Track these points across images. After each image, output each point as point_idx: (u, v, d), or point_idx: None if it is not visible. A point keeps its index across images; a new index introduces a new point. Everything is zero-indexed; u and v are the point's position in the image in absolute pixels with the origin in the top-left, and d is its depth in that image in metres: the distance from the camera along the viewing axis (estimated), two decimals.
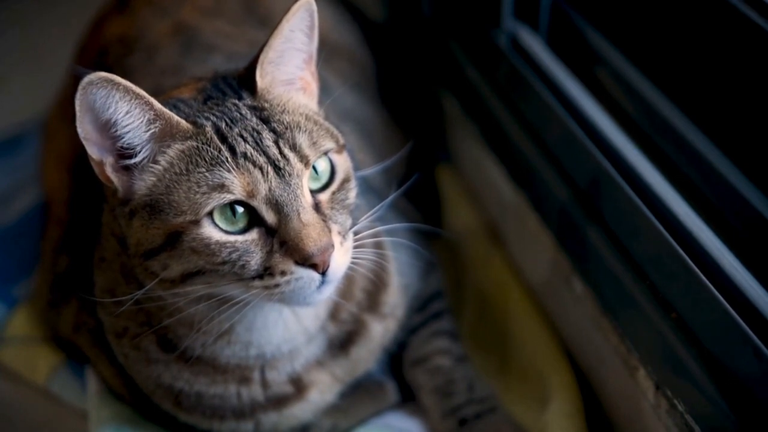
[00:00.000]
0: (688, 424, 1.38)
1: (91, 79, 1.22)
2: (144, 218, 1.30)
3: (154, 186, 1.29)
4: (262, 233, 1.29)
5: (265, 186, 1.27)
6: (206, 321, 1.38)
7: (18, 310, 1.90)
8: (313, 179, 1.33)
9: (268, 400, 1.53)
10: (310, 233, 1.27)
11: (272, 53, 1.35)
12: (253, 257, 1.28)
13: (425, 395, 1.68)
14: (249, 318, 1.42)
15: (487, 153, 1.99)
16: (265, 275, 1.29)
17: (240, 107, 1.33)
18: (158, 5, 1.91)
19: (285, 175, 1.28)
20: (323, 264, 1.28)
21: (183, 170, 1.28)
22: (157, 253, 1.30)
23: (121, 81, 1.23)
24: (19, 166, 2.25)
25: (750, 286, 1.35)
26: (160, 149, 1.29)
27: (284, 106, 1.35)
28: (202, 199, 1.26)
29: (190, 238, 1.27)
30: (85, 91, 1.22)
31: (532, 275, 1.86)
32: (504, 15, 1.94)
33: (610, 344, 1.58)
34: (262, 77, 1.35)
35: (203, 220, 1.27)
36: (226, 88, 1.36)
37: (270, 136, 1.30)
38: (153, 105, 1.27)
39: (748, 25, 1.40)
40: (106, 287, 1.49)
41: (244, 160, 1.27)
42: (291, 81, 1.39)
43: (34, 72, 2.62)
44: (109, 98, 1.24)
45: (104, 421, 1.61)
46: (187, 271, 1.30)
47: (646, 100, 1.63)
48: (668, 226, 1.47)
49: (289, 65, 1.38)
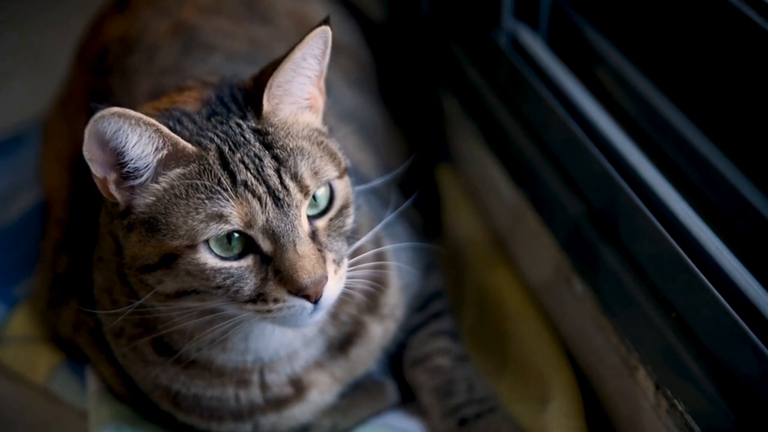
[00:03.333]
0: (688, 424, 1.38)
1: (103, 114, 1.21)
2: (141, 234, 1.30)
3: (154, 205, 1.29)
4: (257, 260, 1.29)
5: (262, 217, 1.27)
6: (201, 332, 1.38)
7: (18, 310, 1.90)
8: (311, 206, 1.33)
9: (267, 402, 1.53)
10: (305, 265, 1.27)
11: (282, 78, 1.33)
12: (246, 283, 1.29)
13: (425, 395, 1.68)
14: (245, 329, 1.42)
15: (487, 153, 1.99)
16: (258, 300, 1.30)
17: (244, 130, 1.31)
18: (158, 5, 1.91)
19: (284, 206, 1.28)
20: (316, 295, 1.29)
21: (182, 194, 1.28)
22: (153, 269, 1.30)
23: (132, 114, 1.23)
24: (19, 166, 2.24)
25: (750, 286, 1.35)
26: (162, 172, 1.29)
27: (289, 130, 1.34)
28: (200, 227, 1.26)
29: (186, 261, 1.27)
30: (96, 123, 1.22)
31: (533, 275, 1.86)
32: (504, 15, 1.94)
33: (610, 344, 1.57)
34: (269, 100, 1.33)
35: (199, 246, 1.27)
36: (231, 103, 1.35)
37: (272, 164, 1.29)
38: (161, 132, 1.26)
39: (748, 25, 1.40)
40: (104, 287, 1.49)
41: (243, 189, 1.26)
42: (298, 101, 1.37)
43: (34, 72, 2.62)
44: (120, 131, 1.24)
45: (104, 421, 1.61)
46: (182, 289, 1.30)
47: (646, 99, 1.63)
48: (668, 226, 1.47)
49: (298, 88, 1.36)
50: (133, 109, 1.24)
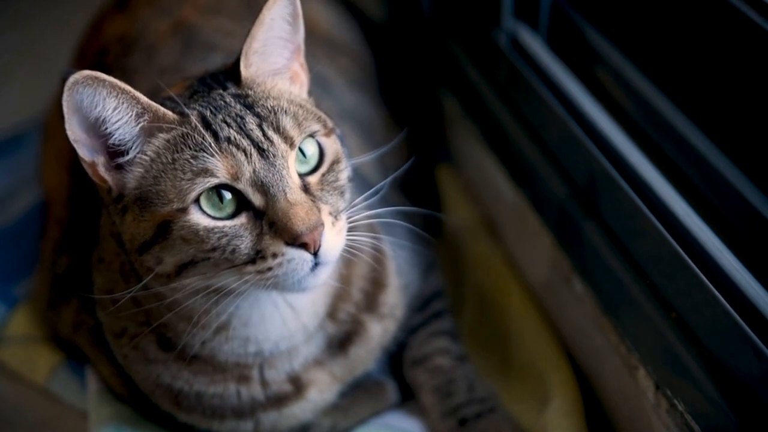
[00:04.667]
0: (688, 424, 1.38)
1: (76, 78, 1.22)
2: (135, 212, 1.31)
3: (143, 178, 1.30)
4: (250, 217, 1.29)
5: (249, 168, 1.27)
6: (204, 314, 1.38)
7: (18, 310, 1.90)
8: (302, 162, 1.33)
9: (267, 399, 1.53)
10: (298, 212, 1.27)
11: (255, 43, 1.35)
12: (242, 241, 1.28)
13: (425, 395, 1.68)
14: (246, 312, 1.42)
15: (487, 153, 1.99)
16: (257, 259, 1.28)
17: (224, 96, 1.34)
18: (158, 4, 1.91)
19: (269, 156, 1.28)
20: (314, 243, 1.27)
21: (169, 159, 1.29)
22: (150, 246, 1.30)
23: (106, 78, 1.24)
24: (19, 166, 2.25)
25: (750, 286, 1.35)
26: (147, 141, 1.30)
27: (269, 93, 1.36)
28: (187, 186, 1.26)
29: (179, 226, 1.28)
30: (71, 91, 1.23)
31: (532, 275, 1.86)
32: (504, 15, 1.94)
33: (610, 344, 1.58)
34: (247, 67, 1.36)
35: (190, 207, 1.27)
36: (213, 82, 1.38)
37: (253, 120, 1.30)
38: (140, 99, 1.28)
39: (748, 25, 1.40)
40: (105, 288, 1.49)
41: (227, 144, 1.27)
42: (278, 71, 1.39)
43: (34, 72, 2.62)
44: (96, 96, 1.25)
45: (104, 421, 1.61)
46: (180, 262, 1.30)
47: (646, 99, 1.63)
48: (668, 225, 1.47)
49: (274, 55, 1.38)
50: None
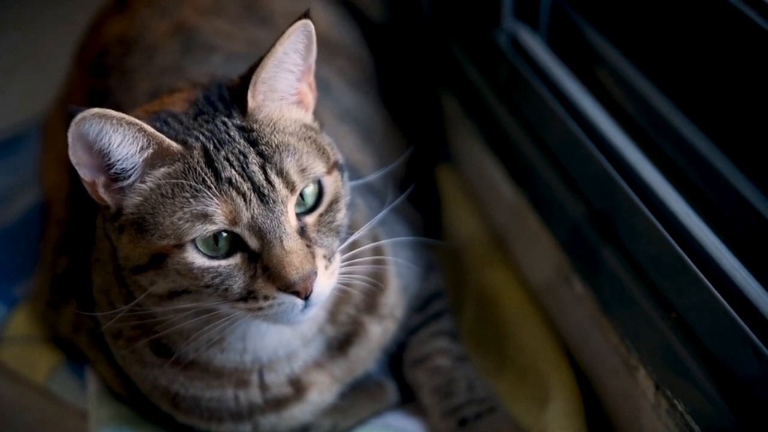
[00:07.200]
0: (688, 424, 1.38)
1: (84, 115, 1.21)
2: (132, 235, 1.30)
3: (141, 205, 1.29)
4: (245, 258, 1.29)
5: (247, 213, 1.26)
6: (198, 332, 1.38)
7: (18, 310, 1.90)
8: (299, 204, 1.32)
9: (266, 402, 1.53)
10: (293, 261, 1.27)
11: (265, 74, 1.32)
12: (236, 281, 1.29)
13: (425, 395, 1.68)
14: (242, 328, 1.42)
15: (487, 153, 1.99)
16: (248, 298, 1.29)
17: (229, 127, 1.31)
18: (158, 5, 1.91)
19: (269, 201, 1.27)
20: (305, 291, 1.28)
21: (168, 193, 1.28)
22: (144, 270, 1.30)
23: (113, 114, 1.23)
24: (19, 166, 2.25)
25: (750, 286, 1.35)
26: (149, 172, 1.29)
27: (275, 126, 1.34)
28: (185, 227, 1.26)
29: (174, 261, 1.28)
30: (78, 126, 1.22)
31: (532, 275, 1.86)
32: (504, 15, 1.93)
33: (610, 344, 1.57)
34: (254, 97, 1.33)
35: (186, 245, 1.27)
36: (218, 102, 1.35)
37: (256, 160, 1.28)
38: (145, 130, 1.26)
39: (748, 25, 1.40)
40: (102, 288, 1.49)
41: (228, 187, 1.26)
42: (285, 96, 1.37)
43: (34, 72, 2.62)
44: (102, 132, 1.24)
45: (104, 421, 1.61)
46: (174, 289, 1.30)
47: (646, 99, 1.63)
48: (668, 226, 1.47)
49: (282, 83, 1.35)
50: (130, 110, 1.24)
